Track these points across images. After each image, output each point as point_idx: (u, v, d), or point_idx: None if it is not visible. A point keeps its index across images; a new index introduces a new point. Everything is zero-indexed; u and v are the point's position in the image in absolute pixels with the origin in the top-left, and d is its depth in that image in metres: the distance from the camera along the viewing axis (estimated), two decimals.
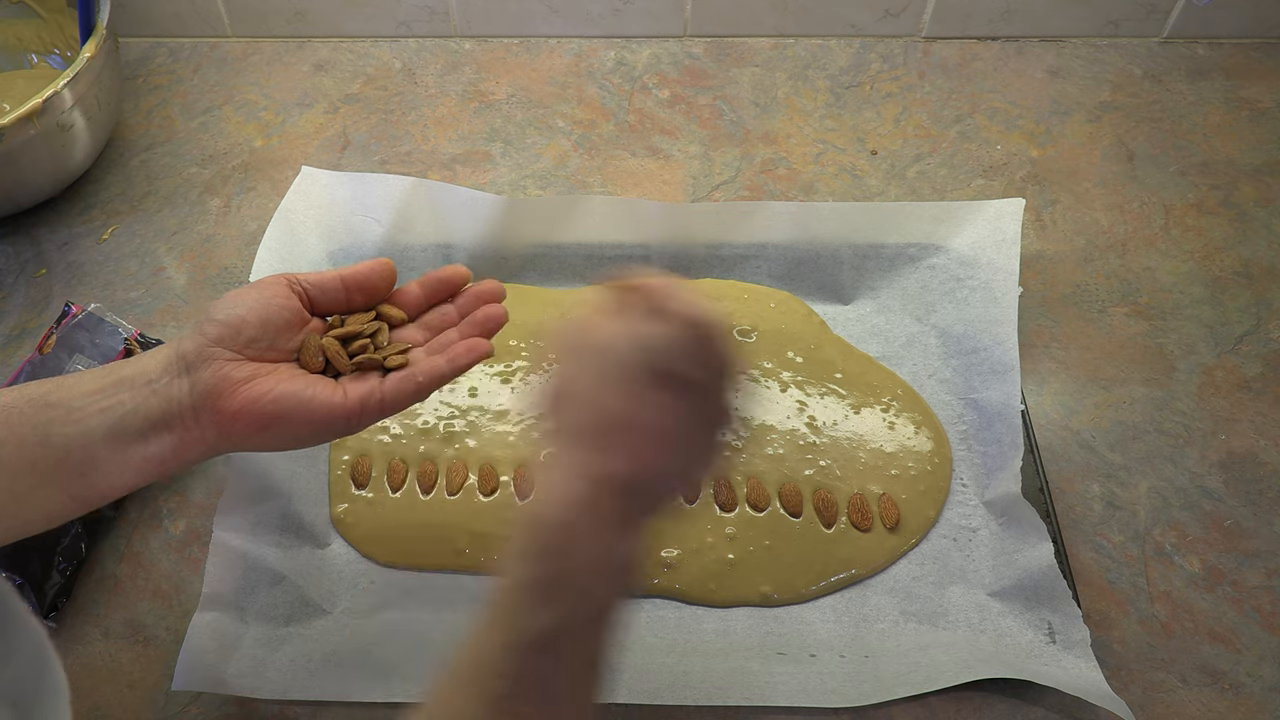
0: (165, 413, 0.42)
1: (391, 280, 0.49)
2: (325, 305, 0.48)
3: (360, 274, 0.48)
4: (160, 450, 0.43)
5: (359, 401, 0.45)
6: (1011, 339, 0.61)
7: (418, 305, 0.50)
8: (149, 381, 0.43)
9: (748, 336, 0.66)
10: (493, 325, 0.49)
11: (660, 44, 0.86)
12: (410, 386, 0.46)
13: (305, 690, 0.51)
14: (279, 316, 0.45)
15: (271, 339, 0.45)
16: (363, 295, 0.48)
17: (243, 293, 0.46)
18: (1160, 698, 0.52)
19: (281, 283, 0.47)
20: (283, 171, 0.77)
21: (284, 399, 0.43)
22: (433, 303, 0.50)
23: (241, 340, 0.44)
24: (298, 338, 0.46)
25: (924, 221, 0.67)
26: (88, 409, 0.41)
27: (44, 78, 0.80)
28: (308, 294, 0.47)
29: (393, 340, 0.48)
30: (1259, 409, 0.63)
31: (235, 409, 0.43)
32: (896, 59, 0.85)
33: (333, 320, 0.48)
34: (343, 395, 0.45)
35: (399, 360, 0.47)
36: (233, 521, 0.56)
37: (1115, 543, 0.58)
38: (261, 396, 0.43)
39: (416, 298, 0.50)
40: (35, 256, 0.72)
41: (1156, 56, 0.84)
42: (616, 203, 0.68)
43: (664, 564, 0.57)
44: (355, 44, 0.87)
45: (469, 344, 0.47)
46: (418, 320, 0.50)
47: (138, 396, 0.42)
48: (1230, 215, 0.73)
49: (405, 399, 0.46)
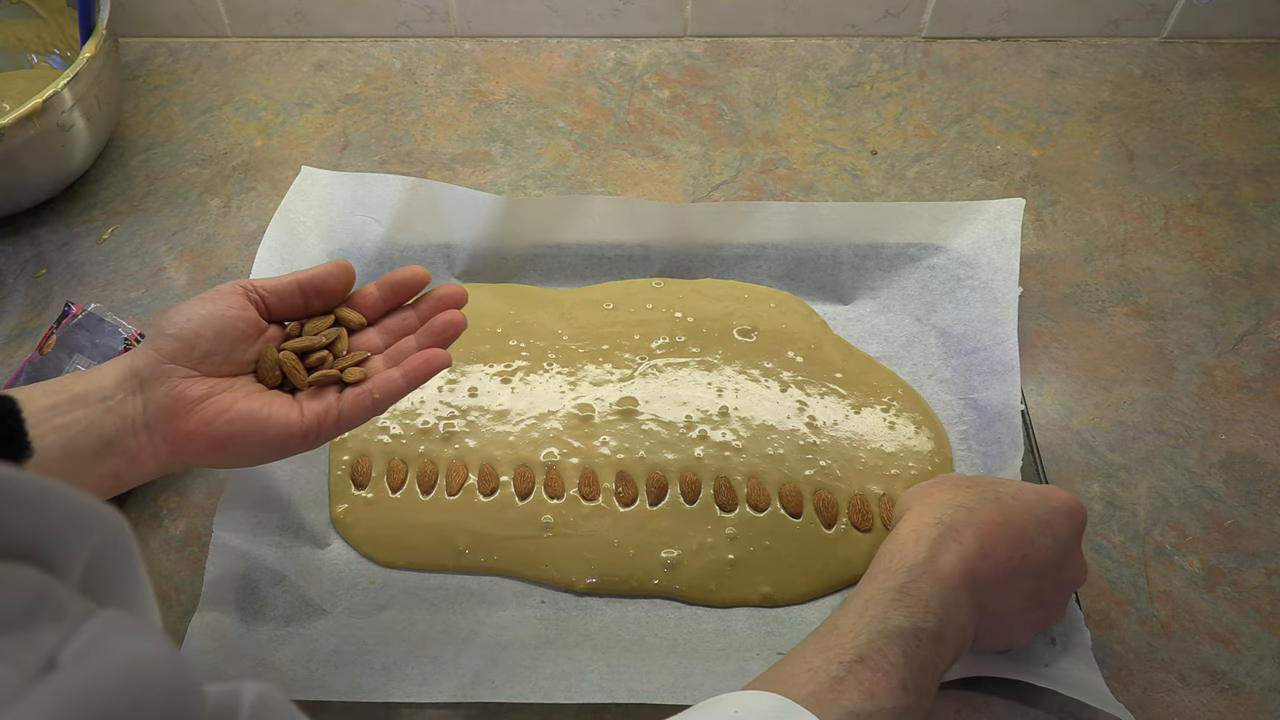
0: (119, 431, 0.42)
1: (349, 283, 0.48)
2: (282, 311, 0.47)
3: (317, 277, 0.47)
4: (114, 468, 0.42)
5: (315, 420, 0.45)
6: (1011, 339, 0.61)
7: (376, 308, 0.49)
8: (103, 399, 0.42)
9: (748, 336, 0.66)
10: (451, 334, 0.48)
11: (660, 44, 0.86)
12: (367, 402, 0.46)
13: (305, 690, 0.51)
14: (234, 329, 0.45)
15: (227, 352, 0.44)
16: (320, 299, 0.48)
17: (196, 304, 0.45)
18: (1160, 698, 0.52)
19: (237, 291, 0.46)
20: (283, 171, 0.77)
21: (239, 419, 0.43)
22: (391, 306, 0.49)
23: (196, 355, 0.43)
24: (254, 348, 0.46)
25: (924, 221, 0.67)
26: (41, 427, 0.41)
27: (44, 78, 0.80)
28: (264, 300, 0.47)
29: (352, 348, 0.48)
30: (1259, 409, 0.63)
31: (190, 429, 0.42)
32: (896, 59, 0.85)
33: (290, 328, 0.47)
34: (299, 414, 0.44)
35: (357, 374, 0.46)
36: (233, 521, 0.56)
37: (1115, 543, 0.58)
38: (217, 417, 0.43)
39: (375, 301, 0.49)
40: (35, 256, 0.72)
41: (1156, 56, 0.84)
42: (616, 203, 0.68)
43: (664, 564, 0.57)
44: (355, 44, 0.87)
45: (425, 356, 0.47)
46: (377, 324, 0.49)
47: (91, 414, 0.42)
48: (1230, 215, 0.73)
49: (362, 415, 0.46)
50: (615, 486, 0.59)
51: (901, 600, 0.43)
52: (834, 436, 0.61)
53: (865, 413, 0.63)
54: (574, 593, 0.56)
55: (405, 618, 0.55)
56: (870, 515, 0.58)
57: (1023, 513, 0.47)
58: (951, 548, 0.45)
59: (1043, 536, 0.47)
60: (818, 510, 0.58)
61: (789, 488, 0.59)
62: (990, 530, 0.46)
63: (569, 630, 0.55)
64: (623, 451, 0.61)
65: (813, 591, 0.56)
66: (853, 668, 0.40)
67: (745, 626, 0.55)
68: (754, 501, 0.59)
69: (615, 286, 0.69)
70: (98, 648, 0.22)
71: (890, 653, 0.41)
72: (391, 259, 0.68)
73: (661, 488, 0.59)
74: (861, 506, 0.58)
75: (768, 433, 0.61)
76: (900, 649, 0.41)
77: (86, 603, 0.24)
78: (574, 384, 0.64)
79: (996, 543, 0.46)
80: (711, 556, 0.57)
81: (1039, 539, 0.47)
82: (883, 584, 0.44)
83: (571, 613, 0.56)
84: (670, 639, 0.55)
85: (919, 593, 0.43)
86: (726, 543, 0.57)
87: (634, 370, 0.64)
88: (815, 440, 0.61)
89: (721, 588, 0.56)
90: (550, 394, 0.63)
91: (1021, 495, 0.48)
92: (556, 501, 0.59)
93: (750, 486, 0.59)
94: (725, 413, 0.62)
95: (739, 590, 0.56)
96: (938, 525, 0.46)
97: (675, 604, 0.56)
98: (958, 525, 0.46)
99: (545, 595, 0.57)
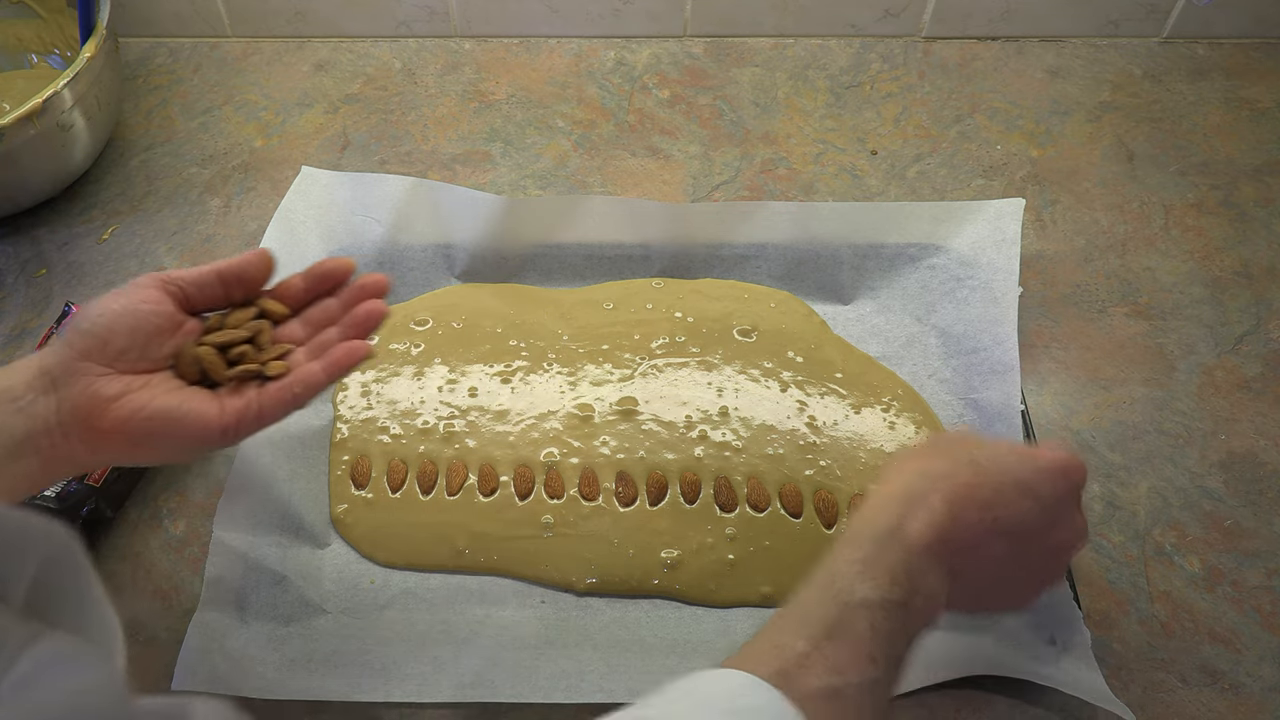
0: (30, 432, 0.41)
1: (269, 271, 0.47)
2: (203, 302, 0.46)
3: (236, 267, 0.46)
4: (27, 469, 0.41)
5: (235, 416, 0.44)
6: (1011, 339, 0.61)
7: (300, 298, 0.48)
8: (14, 399, 0.41)
9: (748, 336, 0.66)
10: (372, 323, 0.47)
11: (660, 44, 0.86)
12: (287, 398, 0.45)
13: (305, 690, 0.51)
14: (149, 323, 0.43)
15: (142, 348, 0.43)
16: (241, 289, 0.47)
17: (110, 299, 0.44)
18: (1160, 698, 0.52)
19: (154, 284, 0.45)
20: (283, 171, 0.77)
21: (157, 417, 0.42)
22: (315, 296, 0.49)
23: (110, 353, 0.42)
24: (172, 343, 0.45)
25: (924, 221, 0.67)
26: None
27: (44, 78, 0.80)
28: (184, 292, 0.45)
29: (275, 339, 0.47)
30: (1259, 409, 0.63)
31: (105, 428, 0.41)
32: (896, 59, 0.85)
33: (211, 320, 0.46)
34: (219, 409, 0.44)
35: (279, 368, 0.45)
36: (233, 521, 0.56)
37: (1115, 543, 0.58)
38: (133, 415, 0.42)
39: (299, 291, 0.48)
40: (35, 256, 0.72)
41: (1156, 56, 0.84)
42: (616, 203, 0.68)
43: (664, 564, 0.57)
44: (355, 44, 0.87)
45: (347, 347, 0.46)
46: (301, 315, 0.48)
47: (2, 415, 0.40)
48: (1230, 215, 0.73)
49: (283, 410, 0.45)
50: (615, 486, 0.59)
51: (867, 572, 0.42)
52: (834, 436, 0.61)
53: (865, 413, 0.63)
54: (574, 593, 0.56)
55: (405, 618, 0.55)
56: None
57: (998, 474, 0.45)
58: (919, 515, 0.44)
59: (1022, 498, 0.45)
60: (818, 510, 0.58)
61: (789, 488, 0.59)
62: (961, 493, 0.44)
63: (569, 630, 0.55)
64: (623, 451, 0.61)
65: None
66: (819, 643, 0.40)
67: (745, 626, 0.55)
68: (754, 501, 0.59)
69: (615, 286, 0.69)
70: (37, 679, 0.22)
71: (857, 626, 0.40)
72: (391, 259, 0.68)
73: (661, 488, 0.59)
74: None
75: (768, 433, 0.61)
76: (867, 622, 0.40)
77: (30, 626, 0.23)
78: (574, 384, 0.64)
79: (967, 506, 0.44)
80: (711, 557, 0.57)
81: (1017, 500, 0.45)
82: (848, 556, 0.43)
83: (571, 613, 0.56)
84: (670, 639, 0.55)
85: (885, 563, 0.42)
86: (726, 543, 0.57)
87: (634, 370, 0.64)
88: (815, 440, 0.61)
89: (721, 588, 0.56)
90: (550, 394, 0.63)
91: (1000, 457, 0.46)
92: (556, 501, 0.59)
93: (750, 486, 0.59)
94: (725, 413, 0.62)
95: (739, 590, 0.56)
96: (905, 494, 0.45)
97: (675, 604, 0.56)
98: (926, 492, 0.44)
99: (545, 595, 0.57)
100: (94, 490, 0.57)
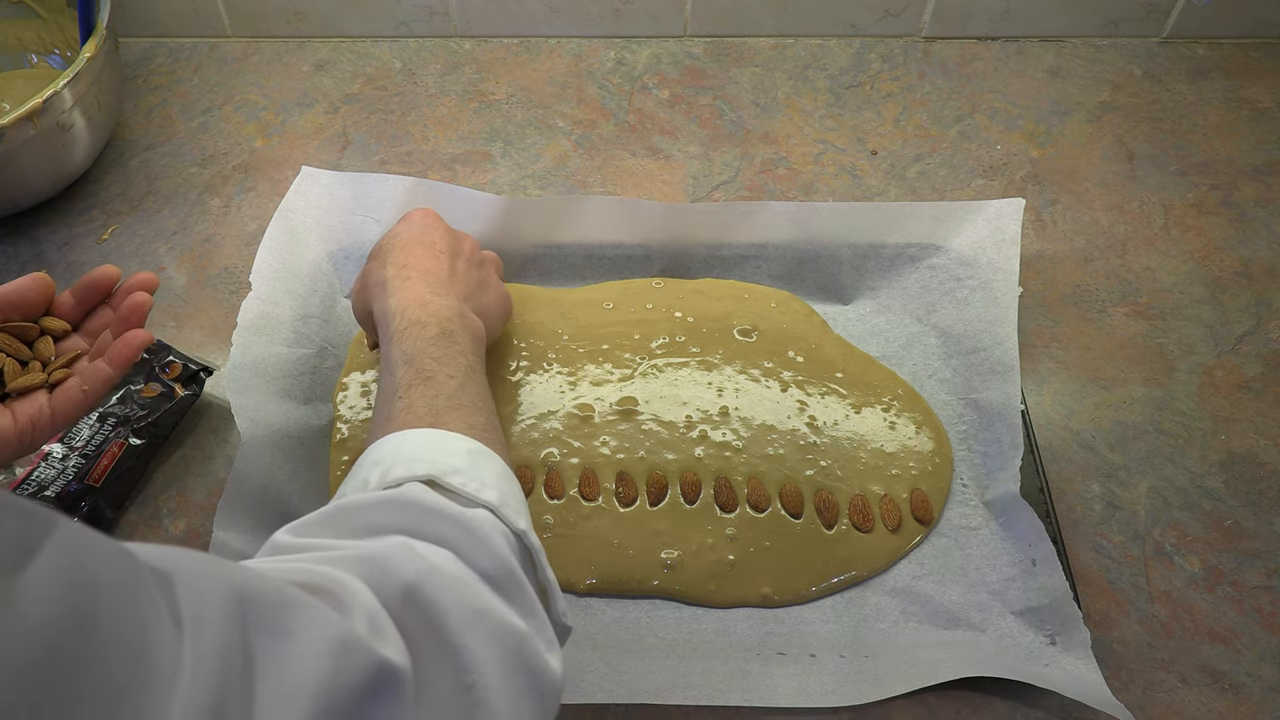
0: None
1: (49, 295, 0.50)
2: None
3: (13, 291, 0.49)
4: None
5: (29, 421, 0.46)
6: (1011, 339, 0.61)
7: (74, 313, 0.51)
8: None
9: (748, 336, 0.66)
10: (139, 314, 0.50)
11: (660, 44, 0.86)
12: (76, 395, 0.48)
13: None
14: None
15: None
16: (19, 312, 0.49)
17: None
18: (1160, 698, 0.52)
19: None
20: (283, 171, 0.77)
21: None
22: (88, 307, 0.51)
23: None
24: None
25: (924, 221, 0.67)
26: None
27: (44, 78, 0.80)
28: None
29: (58, 353, 0.49)
30: (1259, 409, 0.63)
31: None
32: (896, 59, 0.85)
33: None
34: (10, 418, 0.46)
35: (63, 374, 0.48)
36: (233, 521, 0.56)
37: (1115, 543, 0.58)
38: None
39: (71, 307, 0.51)
40: (35, 256, 0.72)
41: (1156, 56, 0.84)
42: (616, 203, 0.68)
43: (664, 564, 0.57)
44: (355, 44, 0.87)
45: (125, 338, 0.49)
46: (80, 328, 0.51)
47: None
48: (1230, 215, 0.73)
49: (75, 408, 0.48)
50: (615, 487, 0.59)
51: (403, 335, 0.49)
52: (834, 436, 0.61)
53: (865, 413, 0.63)
54: (574, 593, 0.56)
55: None
56: (871, 515, 0.58)
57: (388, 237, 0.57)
58: (394, 282, 0.53)
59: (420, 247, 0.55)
60: (818, 510, 0.58)
61: (789, 488, 0.59)
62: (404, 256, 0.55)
63: None
64: (623, 451, 0.61)
65: (813, 592, 0.56)
66: (412, 385, 0.46)
67: (745, 626, 0.55)
68: (754, 502, 0.59)
69: (615, 286, 0.69)
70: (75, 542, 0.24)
71: (425, 357, 0.48)
72: None
73: (661, 488, 0.59)
74: (862, 507, 0.58)
75: (768, 433, 0.61)
76: (431, 352, 0.48)
77: None
78: (574, 384, 0.64)
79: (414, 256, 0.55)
80: (711, 557, 0.57)
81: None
82: (385, 346, 0.50)
83: (571, 612, 0.56)
84: (670, 639, 0.55)
85: (409, 319, 0.50)
86: (726, 543, 0.57)
87: (634, 370, 0.64)
88: (815, 440, 0.61)
89: (721, 588, 0.56)
90: (550, 394, 0.63)
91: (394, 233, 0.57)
92: (556, 501, 0.59)
93: (750, 487, 0.59)
94: (725, 413, 0.62)
95: (739, 590, 0.56)
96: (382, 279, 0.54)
97: (675, 604, 0.56)
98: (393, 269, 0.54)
99: None
100: (94, 490, 0.57)
